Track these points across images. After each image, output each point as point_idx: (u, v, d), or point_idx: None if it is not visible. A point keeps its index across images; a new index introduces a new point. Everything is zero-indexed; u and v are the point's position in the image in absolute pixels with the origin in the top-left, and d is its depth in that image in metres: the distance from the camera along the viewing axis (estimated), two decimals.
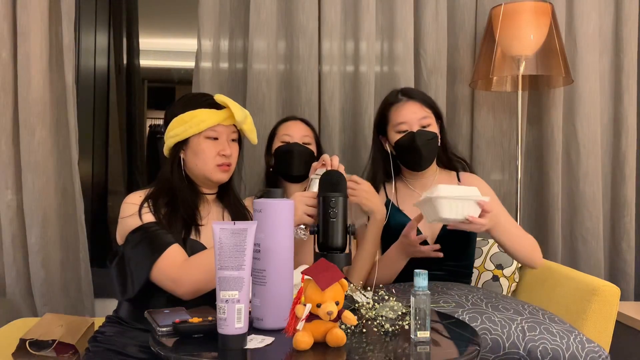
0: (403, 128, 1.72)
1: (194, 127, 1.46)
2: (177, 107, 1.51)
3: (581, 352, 1.29)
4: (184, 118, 1.47)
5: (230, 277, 1.01)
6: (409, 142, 1.71)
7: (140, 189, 1.51)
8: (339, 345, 1.01)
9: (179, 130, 1.47)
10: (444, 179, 1.82)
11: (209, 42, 2.17)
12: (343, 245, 1.28)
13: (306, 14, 2.15)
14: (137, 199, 1.45)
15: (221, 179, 1.51)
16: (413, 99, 1.75)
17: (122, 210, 1.45)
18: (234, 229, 1.03)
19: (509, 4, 2.09)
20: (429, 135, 1.72)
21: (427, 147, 1.71)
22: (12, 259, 2.06)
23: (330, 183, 1.31)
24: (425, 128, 1.72)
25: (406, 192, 1.79)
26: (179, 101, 1.54)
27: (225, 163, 1.49)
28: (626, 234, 2.30)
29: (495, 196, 1.79)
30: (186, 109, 1.48)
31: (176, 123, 1.48)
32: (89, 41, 2.51)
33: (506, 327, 1.31)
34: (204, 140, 1.48)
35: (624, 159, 2.31)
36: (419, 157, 1.72)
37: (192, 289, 1.32)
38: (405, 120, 1.72)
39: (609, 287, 1.55)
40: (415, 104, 1.74)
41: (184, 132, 1.47)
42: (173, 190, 1.47)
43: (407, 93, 1.78)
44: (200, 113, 1.46)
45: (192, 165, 1.50)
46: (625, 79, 2.31)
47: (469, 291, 1.51)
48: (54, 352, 1.56)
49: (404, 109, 1.73)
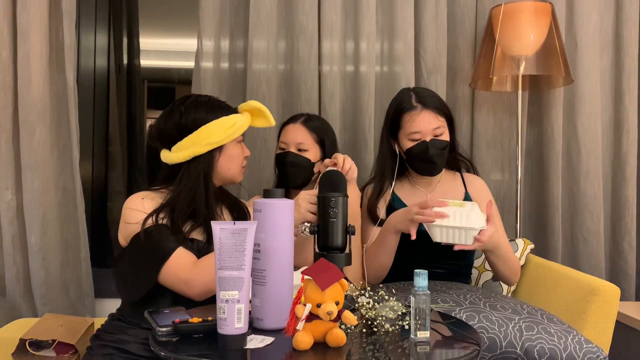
0: (416, 137, 1.72)
1: (235, 133, 1.49)
2: (199, 112, 1.47)
3: (579, 353, 1.29)
4: (224, 125, 1.47)
5: (230, 277, 1.01)
6: (422, 153, 1.71)
7: (140, 190, 1.49)
8: (339, 345, 1.01)
9: (220, 136, 1.46)
10: (448, 180, 1.83)
11: (209, 42, 2.17)
12: (343, 245, 1.28)
13: (306, 14, 2.15)
14: (141, 203, 1.43)
15: (241, 180, 1.58)
16: (428, 108, 1.72)
17: (125, 215, 1.43)
18: (234, 229, 1.03)
19: (509, 4, 2.09)
20: (442, 145, 1.72)
21: (439, 157, 1.72)
22: (12, 259, 2.06)
23: (330, 183, 1.31)
24: (438, 137, 1.72)
25: (411, 190, 1.80)
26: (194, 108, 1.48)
27: (245, 164, 1.58)
28: (627, 234, 2.30)
29: (494, 203, 1.80)
30: (216, 115, 1.47)
31: (215, 130, 1.46)
32: (89, 41, 2.51)
33: (503, 326, 1.31)
34: (237, 145, 1.53)
35: (625, 159, 2.31)
36: (431, 166, 1.73)
37: (204, 289, 1.33)
38: (419, 130, 1.71)
39: (609, 287, 1.55)
40: (430, 114, 1.71)
41: (227, 138, 1.48)
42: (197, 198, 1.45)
43: (422, 100, 1.73)
44: (236, 119, 1.50)
45: (224, 169, 1.51)
46: (626, 78, 2.31)
47: (468, 290, 1.52)
48: (53, 352, 1.56)
49: (419, 118, 1.71)
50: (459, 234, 1.47)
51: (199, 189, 1.46)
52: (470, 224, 1.46)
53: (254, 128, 2.13)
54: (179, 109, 1.49)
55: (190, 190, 1.45)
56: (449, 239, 1.48)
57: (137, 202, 1.44)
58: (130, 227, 1.40)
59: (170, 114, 1.50)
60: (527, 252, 1.96)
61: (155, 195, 1.47)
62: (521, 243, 1.97)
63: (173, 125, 1.48)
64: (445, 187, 1.82)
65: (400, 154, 1.78)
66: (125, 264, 1.42)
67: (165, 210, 1.42)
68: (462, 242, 1.47)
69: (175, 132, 1.47)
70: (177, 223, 1.41)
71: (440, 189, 1.81)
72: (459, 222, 1.46)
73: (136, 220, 1.40)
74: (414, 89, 1.80)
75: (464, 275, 1.79)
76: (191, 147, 1.46)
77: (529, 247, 1.97)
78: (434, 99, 1.77)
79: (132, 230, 1.40)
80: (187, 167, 1.47)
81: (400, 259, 1.69)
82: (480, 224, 1.47)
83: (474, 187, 1.83)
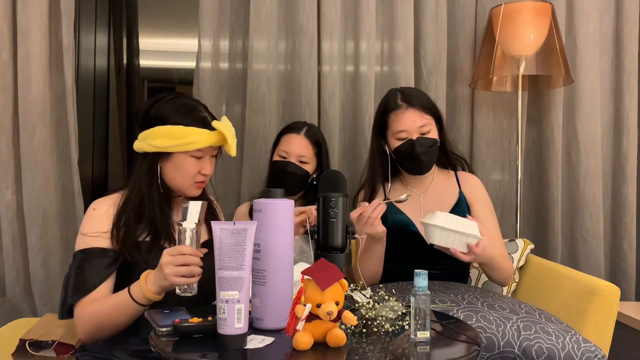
0: (403, 136, 1.72)
1: (183, 146, 1.39)
2: (165, 110, 1.42)
3: (577, 352, 1.28)
4: (173, 133, 1.39)
5: (230, 277, 1.01)
6: (409, 151, 1.71)
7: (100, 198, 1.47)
8: (339, 345, 1.01)
9: (164, 143, 1.39)
10: (442, 180, 1.82)
11: (209, 42, 2.16)
12: (343, 245, 1.28)
13: (306, 14, 2.14)
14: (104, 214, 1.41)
15: (195, 195, 1.47)
16: (413, 106, 1.72)
17: (84, 220, 1.42)
18: (234, 229, 1.03)
19: (509, 4, 2.09)
20: (428, 142, 1.72)
21: (426, 155, 1.72)
22: (12, 259, 2.06)
23: (330, 183, 1.31)
24: (425, 135, 1.72)
25: (403, 191, 1.79)
26: (167, 104, 1.44)
27: (203, 181, 1.48)
28: (627, 234, 2.30)
29: (489, 202, 1.80)
30: (176, 120, 1.40)
31: (163, 134, 1.39)
32: (89, 41, 2.51)
33: (501, 325, 1.31)
34: (188, 158, 1.42)
35: (625, 159, 2.31)
36: (419, 164, 1.73)
37: (84, 337, 1.35)
38: (405, 128, 1.71)
39: (609, 287, 1.55)
40: (415, 112, 1.72)
41: (170, 148, 1.40)
42: (145, 201, 1.42)
43: (407, 99, 1.74)
44: (193, 133, 1.39)
45: (170, 178, 1.44)
46: (625, 78, 2.31)
47: (466, 290, 1.52)
48: (53, 352, 1.56)
49: (404, 117, 1.72)
50: (459, 239, 1.48)
51: (142, 186, 1.42)
52: (471, 231, 1.47)
53: (254, 125, 2.16)
54: (158, 99, 1.46)
55: (138, 186, 1.42)
56: (447, 243, 1.49)
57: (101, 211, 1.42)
58: (81, 236, 1.40)
59: (151, 100, 1.48)
60: (527, 252, 1.96)
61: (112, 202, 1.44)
62: (521, 243, 1.97)
63: (143, 112, 1.46)
64: (439, 186, 1.82)
65: (391, 154, 1.78)
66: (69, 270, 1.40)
67: (120, 216, 1.40)
68: (457, 247, 1.48)
69: (142, 119, 1.45)
70: (130, 226, 1.39)
71: (433, 189, 1.81)
72: (456, 227, 1.47)
73: (84, 231, 1.39)
74: (400, 89, 1.81)
75: (460, 275, 1.79)
76: (143, 142, 1.43)
77: (529, 247, 1.97)
78: (420, 97, 1.77)
79: (81, 240, 1.39)
80: (140, 160, 1.44)
81: (395, 261, 1.69)
82: (477, 232, 1.48)
83: (468, 185, 1.82)
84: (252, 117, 2.14)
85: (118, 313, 1.28)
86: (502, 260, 1.67)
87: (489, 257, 1.57)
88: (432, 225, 1.48)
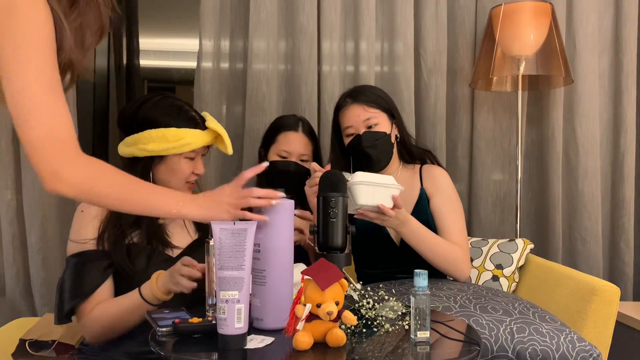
0: (350, 132, 1.72)
1: (178, 148, 1.39)
2: (155, 113, 1.41)
3: (572, 352, 1.28)
4: (167, 136, 1.38)
5: (230, 277, 1.01)
6: (356, 145, 1.70)
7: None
8: (339, 345, 1.01)
9: (158, 147, 1.38)
10: (406, 177, 1.78)
11: (210, 42, 2.16)
12: (343, 245, 1.28)
13: (306, 14, 2.14)
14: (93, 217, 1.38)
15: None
16: (357, 102, 1.72)
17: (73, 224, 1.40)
18: (234, 229, 1.03)
19: (509, 4, 2.09)
20: (376, 136, 1.69)
21: (375, 149, 1.69)
22: (12, 259, 2.06)
23: (330, 183, 1.31)
24: (371, 128, 1.70)
25: None
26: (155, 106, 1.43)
27: (195, 180, 1.48)
28: (625, 234, 2.30)
29: (452, 193, 1.74)
30: (167, 122, 1.40)
31: (156, 137, 1.38)
32: None
33: (494, 329, 1.31)
34: (183, 160, 1.43)
35: (623, 159, 2.31)
36: (367, 159, 1.70)
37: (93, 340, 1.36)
38: (350, 124, 1.71)
39: (609, 287, 1.55)
40: (358, 107, 1.71)
41: (165, 151, 1.39)
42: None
43: (352, 94, 1.75)
44: (186, 134, 1.40)
45: (164, 180, 1.44)
46: (624, 78, 2.31)
47: (459, 290, 1.50)
48: (53, 352, 1.56)
49: (348, 112, 1.72)
50: (383, 193, 1.42)
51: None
52: (391, 182, 1.43)
53: (254, 125, 2.16)
54: (143, 102, 1.44)
55: None
56: (373, 200, 1.41)
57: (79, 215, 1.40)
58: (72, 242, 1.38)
59: (135, 103, 1.46)
60: (527, 252, 1.96)
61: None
62: (521, 243, 1.97)
63: (129, 116, 1.44)
64: (402, 184, 1.67)
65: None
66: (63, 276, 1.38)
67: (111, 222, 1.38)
68: (384, 202, 1.42)
69: (128, 123, 1.43)
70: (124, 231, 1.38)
71: None
72: (377, 180, 1.42)
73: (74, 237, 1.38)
74: (352, 87, 1.82)
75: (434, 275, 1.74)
76: (133, 146, 1.41)
77: (529, 247, 1.97)
78: (366, 92, 1.76)
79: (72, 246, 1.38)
80: (129, 165, 1.42)
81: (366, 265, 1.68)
82: (395, 182, 1.45)
83: (431, 179, 1.76)
84: (252, 117, 2.14)
85: (131, 313, 1.30)
86: (431, 236, 1.59)
87: (408, 219, 1.52)
88: (356, 184, 1.40)
